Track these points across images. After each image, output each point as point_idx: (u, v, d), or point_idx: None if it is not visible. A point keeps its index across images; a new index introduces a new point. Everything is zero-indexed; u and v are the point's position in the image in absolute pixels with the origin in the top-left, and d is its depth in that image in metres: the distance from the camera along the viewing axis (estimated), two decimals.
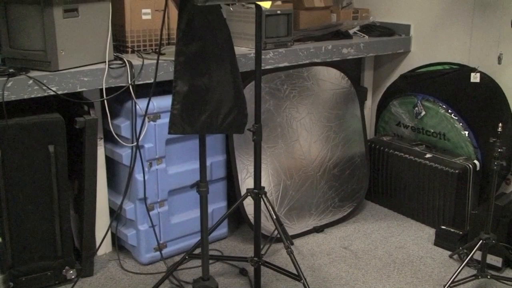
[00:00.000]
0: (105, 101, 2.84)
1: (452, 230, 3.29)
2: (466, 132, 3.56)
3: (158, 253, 3.11)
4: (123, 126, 2.93)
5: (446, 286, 2.77)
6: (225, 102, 2.28)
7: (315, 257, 3.21)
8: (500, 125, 2.65)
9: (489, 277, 2.82)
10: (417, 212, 3.65)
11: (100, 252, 3.18)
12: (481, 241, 2.79)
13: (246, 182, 3.22)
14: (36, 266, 2.79)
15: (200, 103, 2.24)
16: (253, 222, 2.85)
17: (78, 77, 2.66)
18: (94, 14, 2.74)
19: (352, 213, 3.69)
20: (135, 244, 3.09)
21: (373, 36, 3.88)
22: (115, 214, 3.06)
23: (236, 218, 3.54)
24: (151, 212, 3.04)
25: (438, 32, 3.77)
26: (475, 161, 3.49)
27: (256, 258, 2.82)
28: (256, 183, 2.75)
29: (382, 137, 3.97)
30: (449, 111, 3.62)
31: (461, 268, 2.83)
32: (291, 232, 3.37)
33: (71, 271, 2.87)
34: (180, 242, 3.20)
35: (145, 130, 2.91)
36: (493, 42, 3.45)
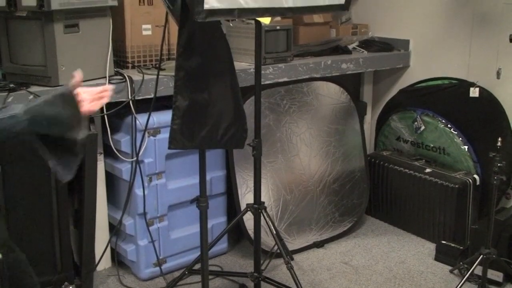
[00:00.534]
0: (105, 116, 2.84)
1: (453, 245, 3.28)
2: (466, 147, 3.57)
3: (158, 269, 3.09)
4: (123, 141, 2.94)
5: None
6: (225, 117, 2.28)
7: (316, 273, 3.20)
8: (500, 140, 2.66)
9: None
10: (418, 227, 3.64)
11: (100, 268, 3.17)
12: (482, 256, 2.78)
13: (246, 197, 3.22)
14: None
15: (200, 118, 2.24)
16: (253, 237, 2.84)
17: None
18: (95, 30, 2.76)
19: (353, 228, 3.68)
20: (135, 260, 3.08)
21: (372, 51, 3.90)
22: (115, 229, 3.05)
23: (236, 233, 3.52)
24: (151, 227, 3.03)
25: (437, 47, 3.79)
26: (475, 176, 3.49)
27: (256, 274, 2.81)
28: (256, 198, 2.75)
29: (382, 152, 3.97)
30: (449, 126, 3.63)
31: (462, 283, 2.82)
32: (291, 247, 3.36)
33: (71, 287, 2.86)
34: (180, 258, 3.18)
35: (145, 145, 2.91)
36: (492, 57, 3.47)
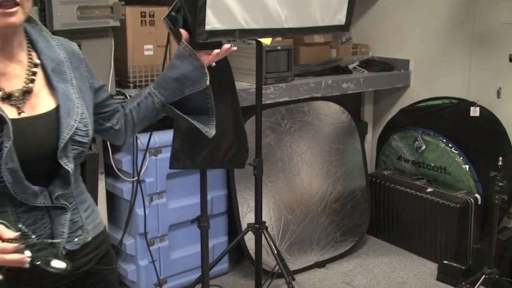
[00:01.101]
0: None
1: (455, 265, 3.26)
2: (467, 166, 3.56)
3: None
4: (124, 161, 2.94)
5: None
6: (226, 137, 2.29)
7: None
8: (501, 159, 2.66)
9: None
10: (419, 247, 3.63)
11: None
12: (484, 276, 2.76)
13: (247, 217, 3.21)
14: None
15: (201, 138, 2.24)
16: (254, 257, 2.83)
17: None
18: (97, 50, 2.77)
19: (354, 248, 3.66)
20: (135, 280, 3.06)
21: (373, 71, 3.91)
22: (115, 249, 3.04)
23: (237, 253, 3.51)
24: (152, 247, 3.02)
25: (437, 67, 3.81)
26: (476, 195, 3.48)
27: None
28: (257, 218, 2.74)
29: (383, 171, 3.97)
30: (450, 145, 3.63)
31: None
32: (293, 267, 3.34)
33: None
34: (181, 278, 3.17)
35: (146, 165, 2.92)
36: (492, 76, 3.48)
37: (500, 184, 2.65)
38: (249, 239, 3.09)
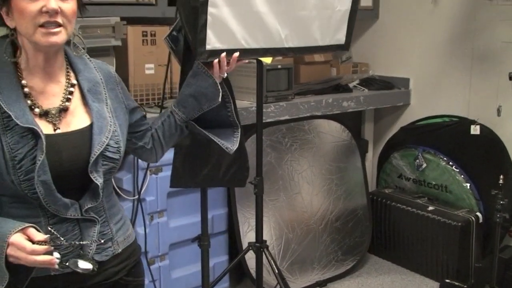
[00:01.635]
0: None
1: (457, 284, 3.24)
2: (468, 184, 3.56)
3: None
4: (125, 179, 2.94)
5: None
6: (227, 156, 2.29)
7: None
8: (502, 177, 2.66)
9: None
10: (421, 266, 3.61)
11: None
12: None
13: (248, 236, 3.20)
14: None
15: (202, 157, 2.25)
16: (255, 277, 2.82)
17: None
18: None
19: (355, 267, 3.65)
20: None
21: (373, 90, 3.92)
22: None
23: (238, 272, 3.49)
24: (152, 266, 3.00)
25: (437, 85, 3.82)
26: (478, 214, 3.47)
27: None
28: (258, 237, 2.73)
29: (384, 190, 3.96)
30: (450, 163, 3.63)
31: None
32: (294, 287, 3.32)
33: None
34: None
35: (147, 183, 2.91)
36: (492, 95, 3.49)
37: (502, 202, 2.64)
38: (250, 258, 3.08)
